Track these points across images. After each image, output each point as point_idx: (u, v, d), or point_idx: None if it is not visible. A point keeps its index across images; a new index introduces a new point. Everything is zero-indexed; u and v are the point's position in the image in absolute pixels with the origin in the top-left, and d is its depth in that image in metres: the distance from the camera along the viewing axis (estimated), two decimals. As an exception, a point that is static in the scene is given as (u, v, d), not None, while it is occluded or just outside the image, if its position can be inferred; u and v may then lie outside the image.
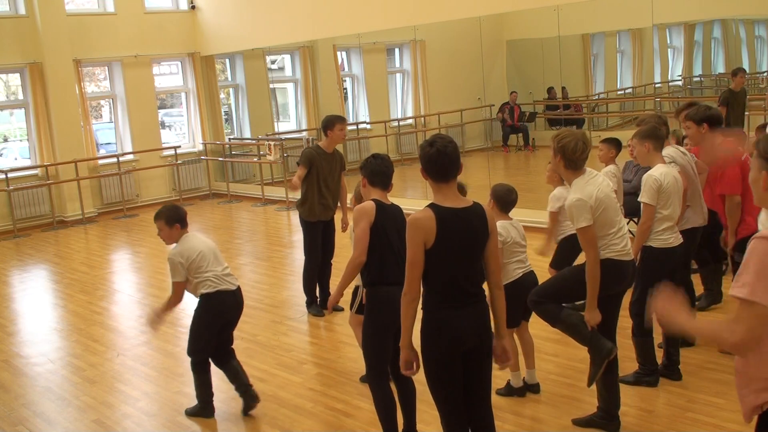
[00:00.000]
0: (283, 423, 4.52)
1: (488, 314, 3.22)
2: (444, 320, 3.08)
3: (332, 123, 6.36)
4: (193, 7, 13.67)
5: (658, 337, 4.70)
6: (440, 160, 3.03)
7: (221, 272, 4.45)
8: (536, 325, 4.60)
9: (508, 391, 4.57)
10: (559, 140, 3.82)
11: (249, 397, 4.55)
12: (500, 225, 4.35)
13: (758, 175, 2.26)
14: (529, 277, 4.48)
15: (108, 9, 12.90)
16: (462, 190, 5.21)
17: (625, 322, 4.41)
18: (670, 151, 5.07)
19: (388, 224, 3.80)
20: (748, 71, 10.30)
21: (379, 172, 3.92)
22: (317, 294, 6.58)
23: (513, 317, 4.43)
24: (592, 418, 4.11)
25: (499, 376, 4.94)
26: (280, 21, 12.08)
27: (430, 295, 3.11)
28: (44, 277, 9.15)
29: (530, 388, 4.59)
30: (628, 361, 4.61)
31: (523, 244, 4.54)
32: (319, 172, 6.35)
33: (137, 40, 12.92)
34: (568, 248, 5.83)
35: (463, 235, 3.05)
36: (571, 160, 3.81)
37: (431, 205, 3.05)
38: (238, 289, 4.53)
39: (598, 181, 3.84)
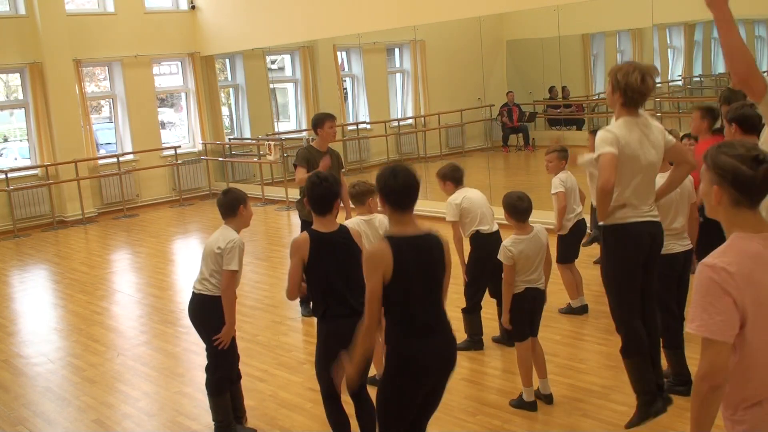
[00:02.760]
0: (283, 423, 4.53)
1: (454, 346, 3.16)
2: (409, 355, 2.99)
3: (321, 121, 6.35)
4: (193, 7, 13.67)
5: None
6: (405, 191, 2.96)
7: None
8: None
9: (520, 404, 4.46)
10: (619, 72, 3.59)
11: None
12: (510, 243, 4.31)
13: (709, 189, 2.23)
14: (532, 292, 4.38)
15: (108, 9, 12.90)
16: (457, 176, 5.28)
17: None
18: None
19: (327, 257, 3.54)
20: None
21: (317, 196, 3.62)
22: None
23: (519, 331, 4.43)
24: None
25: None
26: (280, 21, 12.08)
27: (392, 327, 3.02)
28: (44, 277, 9.15)
29: (543, 398, 4.48)
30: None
31: (542, 256, 4.39)
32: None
33: (137, 40, 12.92)
34: (571, 242, 5.90)
35: (423, 265, 2.97)
36: (631, 97, 3.60)
37: (387, 237, 2.97)
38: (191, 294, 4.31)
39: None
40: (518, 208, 4.32)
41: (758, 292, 2.12)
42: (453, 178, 5.30)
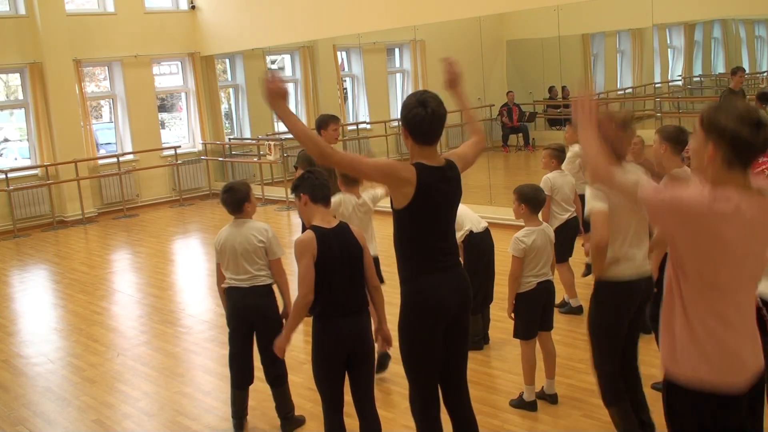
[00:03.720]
0: (283, 423, 4.53)
1: (468, 281, 3.28)
2: (427, 288, 3.12)
3: (326, 122, 6.35)
4: (193, 7, 13.67)
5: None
6: (433, 123, 3.05)
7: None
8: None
9: (520, 403, 4.44)
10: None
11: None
12: (522, 234, 4.30)
13: (702, 147, 2.22)
14: (544, 284, 4.38)
15: (108, 9, 12.90)
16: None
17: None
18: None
19: (331, 253, 3.45)
20: (748, 71, 10.30)
21: (320, 186, 3.58)
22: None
23: (527, 329, 4.43)
24: None
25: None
26: (280, 21, 12.08)
27: (408, 262, 3.16)
28: (44, 277, 9.15)
29: (548, 398, 4.46)
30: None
31: (549, 251, 4.39)
32: None
33: (137, 40, 12.92)
34: (564, 239, 5.87)
35: (446, 190, 3.11)
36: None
37: (415, 164, 3.06)
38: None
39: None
40: (536, 199, 4.39)
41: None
42: None
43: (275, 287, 4.32)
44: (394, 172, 3.04)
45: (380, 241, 5.19)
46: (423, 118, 3.02)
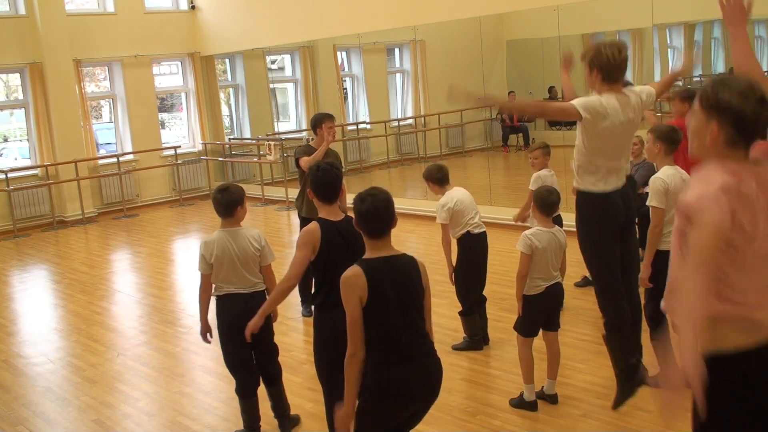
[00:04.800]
0: (283, 423, 4.53)
1: (440, 371, 3.00)
2: (393, 379, 2.88)
3: (320, 121, 6.36)
4: (193, 7, 13.67)
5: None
6: (372, 217, 2.91)
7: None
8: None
9: (520, 403, 4.43)
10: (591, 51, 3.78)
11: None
12: (532, 233, 4.31)
13: (703, 127, 2.12)
14: (552, 288, 4.37)
15: (108, 9, 12.90)
16: (440, 176, 5.31)
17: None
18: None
19: (336, 246, 3.47)
20: (748, 71, 10.28)
21: (324, 184, 3.54)
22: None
23: (528, 328, 4.42)
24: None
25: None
26: (280, 21, 12.08)
27: (373, 353, 2.89)
28: (44, 277, 9.15)
29: (548, 399, 4.46)
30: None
31: (559, 255, 4.39)
32: None
33: (137, 40, 12.92)
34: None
35: (400, 288, 2.90)
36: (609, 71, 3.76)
37: (361, 261, 2.93)
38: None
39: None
40: (548, 201, 4.34)
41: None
42: (435, 179, 5.32)
43: None
44: (357, 304, 2.86)
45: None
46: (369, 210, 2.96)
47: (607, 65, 3.73)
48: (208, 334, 4.29)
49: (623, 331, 3.91)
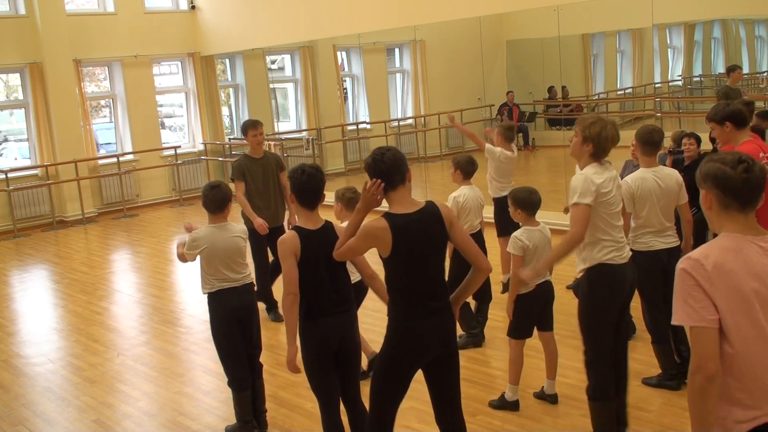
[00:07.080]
0: (283, 423, 4.53)
1: (454, 323, 3.26)
2: (408, 330, 3.12)
3: (245, 129, 6.41)
4: (193, 7, 13.67)
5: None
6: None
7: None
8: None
9: (501, 403, 4.46)
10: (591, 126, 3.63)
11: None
12: (521, 233, 4.32)
13: (703, 197, 2.30)
14: (543, 285, 4.38)
15: (108, 9, 12.91)
16: (469, 170, 5.42)
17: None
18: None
19: (315, 254, 3.43)
20: (748, 71, 10.31)
21: (308, 189, 3.48)
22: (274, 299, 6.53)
23: (521, 329, 4.42)
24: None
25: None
26: (280, 21, 12.08)
27: (396, 304, 3.16)
28: (44, 277, 9.15)
29: (548, 399, 4.48)
30: (653, 368, 4.67)
31: (548, 251, 4.36)
32: (254, 180, 6.33)
33: (137, 40, 12.92)
34: (506, 212, 5.80)
35: (421, 240, 3.10)
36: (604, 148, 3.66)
37: (385, 215, 3.10)
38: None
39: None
40: (530, 201, 4.38)
41: (731, 281, 2.15)
42: (464, 170, 5.43)
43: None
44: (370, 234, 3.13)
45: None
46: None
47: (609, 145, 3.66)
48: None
49: (609, 398, 3.76)
